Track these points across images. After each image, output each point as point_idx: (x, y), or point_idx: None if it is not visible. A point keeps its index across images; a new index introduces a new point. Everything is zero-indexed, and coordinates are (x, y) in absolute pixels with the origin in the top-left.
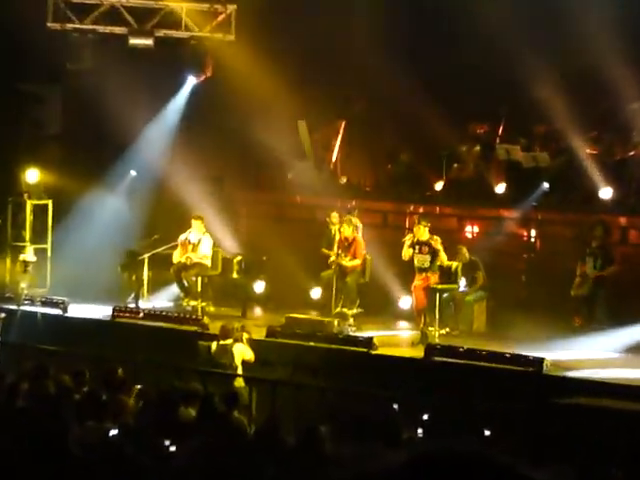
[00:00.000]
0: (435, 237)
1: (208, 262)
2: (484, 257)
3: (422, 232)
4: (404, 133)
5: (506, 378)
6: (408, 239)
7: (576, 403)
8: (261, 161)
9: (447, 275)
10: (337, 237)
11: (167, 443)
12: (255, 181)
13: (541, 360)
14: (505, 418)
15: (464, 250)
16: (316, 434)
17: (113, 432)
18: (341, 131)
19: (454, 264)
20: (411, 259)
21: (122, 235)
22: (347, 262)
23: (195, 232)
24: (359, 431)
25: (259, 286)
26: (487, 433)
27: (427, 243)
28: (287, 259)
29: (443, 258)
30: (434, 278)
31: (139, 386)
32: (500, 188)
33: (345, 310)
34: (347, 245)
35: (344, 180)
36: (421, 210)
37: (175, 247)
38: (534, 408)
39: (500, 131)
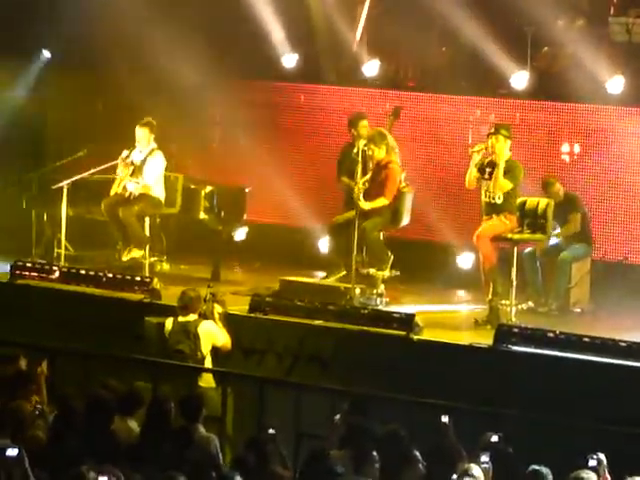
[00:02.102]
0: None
1: (159, 194)
2: (588, 193)
3: (501, 146)
4: None
5: (622, 378)
6: (477, 151)
7: None
8: (242, 38)
9: (531, 218)
10: (359, 158)
11: (92, 476)
12: (234, 67)
13: None
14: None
15: (556, 185)
16: (326, 464)
17: (10, 453)
18: None
19: (542, 202)
20: (478, 188)
21: (25, 149)
22: (364, 203)
23: (140, 148)
24: (391, 458)
25: (240, 233)
26: (601, 459)
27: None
28: (283, 191)
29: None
30: (511, 222)
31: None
32: (615, 84)
33: (373, 272)
34: (377, 172)
35: (375, 69)
36: (492, 117)
37: (113, 170)
38: None
39: None
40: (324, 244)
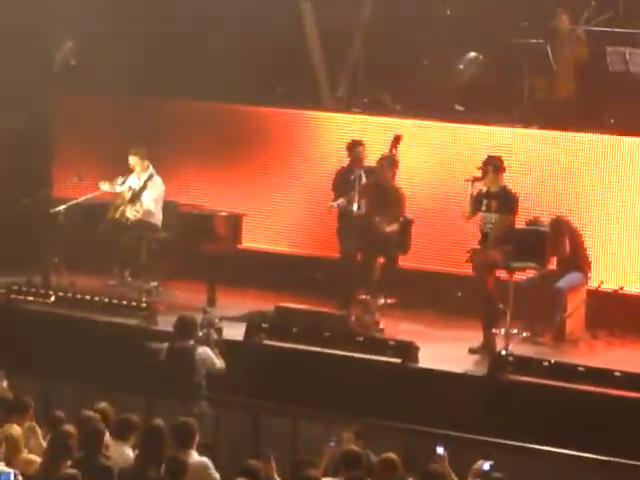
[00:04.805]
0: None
1: (157, 219)
2: (583, 222)
3: (491, 179)
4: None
5: (617, 409)
6: (471, 181)
7: None
8: (239, 64)
9: (527, 247)
10: (359, 182)
11: None
12: (232, 93)
13: None
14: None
15: (541, 222)
16: None
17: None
18: None
19: (538, 231)
20: (475, 219)
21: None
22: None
23: (137, 174)
24: None
25: (237, 260)
26: None
27: (499, 196)
28: (280, 218)
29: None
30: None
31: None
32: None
33: (368, 298)
34: (383, 199)
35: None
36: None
37: (109, 194)
38: None
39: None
40: (323, 272)
